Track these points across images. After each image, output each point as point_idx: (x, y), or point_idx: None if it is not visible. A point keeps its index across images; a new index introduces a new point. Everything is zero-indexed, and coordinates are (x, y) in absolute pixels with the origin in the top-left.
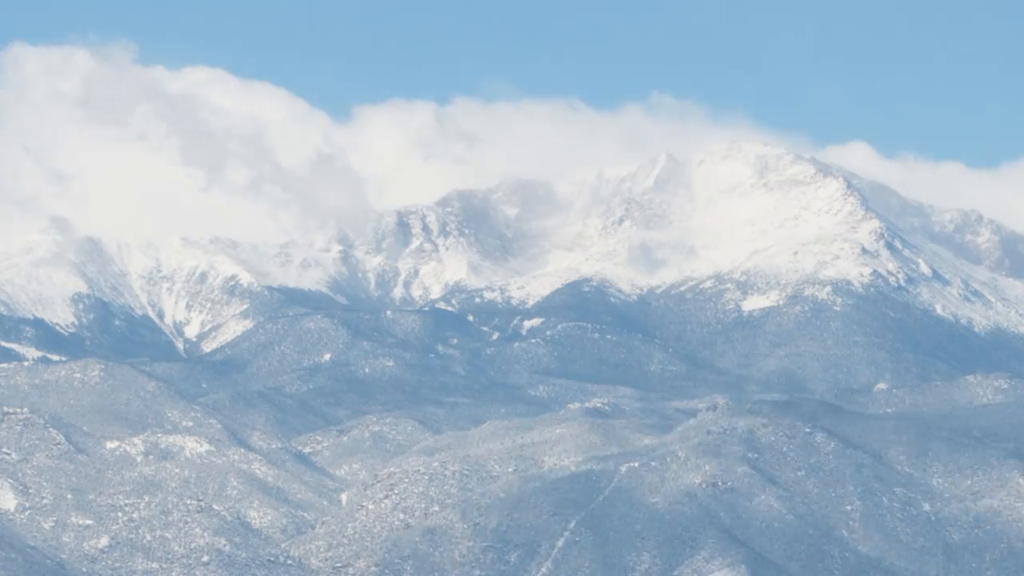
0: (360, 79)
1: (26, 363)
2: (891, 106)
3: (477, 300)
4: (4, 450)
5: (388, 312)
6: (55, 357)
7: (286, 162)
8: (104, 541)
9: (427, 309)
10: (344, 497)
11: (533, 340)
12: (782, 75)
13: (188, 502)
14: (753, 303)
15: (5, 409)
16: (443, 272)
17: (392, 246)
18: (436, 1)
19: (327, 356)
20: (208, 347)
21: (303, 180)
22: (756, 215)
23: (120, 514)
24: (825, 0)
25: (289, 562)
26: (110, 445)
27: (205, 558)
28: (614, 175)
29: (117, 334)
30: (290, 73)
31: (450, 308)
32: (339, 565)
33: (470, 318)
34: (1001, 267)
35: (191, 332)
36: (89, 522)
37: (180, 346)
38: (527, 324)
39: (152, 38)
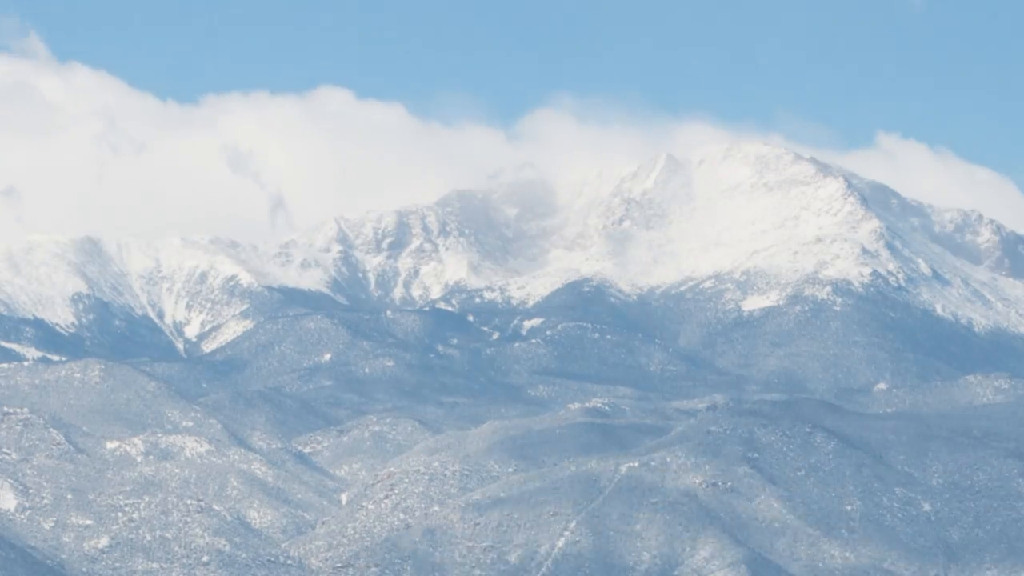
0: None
1: (26, 363)
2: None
3: (477, 300)
4: (4, 450)
5: (388, 312)
6: (55, 357)
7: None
8: (104, 541)
9: (427, 309)
10: (344, 497)
11: (533, 340)
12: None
13: (188, 502)
14: (753, 303)
15: (5, 409)
16: (443, 272)
17: (392, 246)
18: None
19: (327, 356)
20: (208, 347)
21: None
22: (756, 215)
23: (120, 514)
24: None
25: (289, 562)
26: (110, 445)
27: (205, 558)
28: (614, 175)
29: (117, 334)
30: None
31: (450, 308)
32: (339, 565)
33: (470, 318)
34: (1001, 267)
35: (191, 332)
36: (89, 522)
37: (180, 346)
38: (527, 324)
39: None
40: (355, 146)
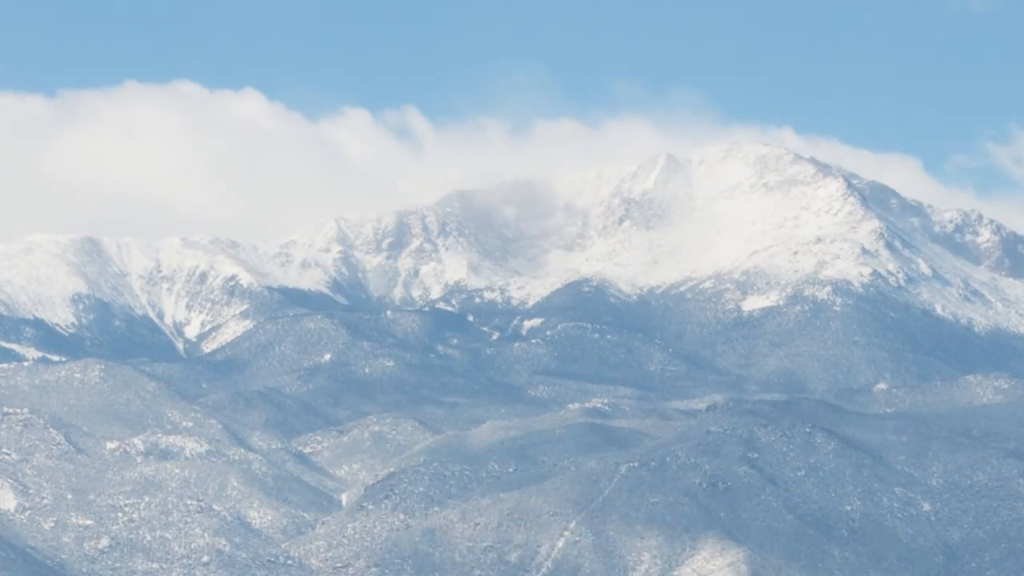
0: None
1: (26, 363)
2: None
3: (477, 300)
4: (4, 450)
5: (388, 312)
6: (55, 357)
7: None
8: (104, 541)
9: (427, 309)
10: (344, 497)
11: (533, 340)
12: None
13: (188, 502)
14: (753, 303)
15: (5, 409)
16: (443, 272)
17: (392, 246)
18: None
19: (327, 356)
20: (208, 347)
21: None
22: (756, 215)
23: (120, 514)
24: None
25: (289, 562)
26: (110, 445)
27: (205, 558)
28: (614, 175)
29: (117, 334)
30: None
31: (450, 308)
32: (339, 565)
33: (470, 318)
34: (1001, 267)
35: (191, 332)
36: (89, 522)
37: (180, 346)
38: (527, 324)
39: None
40: (240, 138)
